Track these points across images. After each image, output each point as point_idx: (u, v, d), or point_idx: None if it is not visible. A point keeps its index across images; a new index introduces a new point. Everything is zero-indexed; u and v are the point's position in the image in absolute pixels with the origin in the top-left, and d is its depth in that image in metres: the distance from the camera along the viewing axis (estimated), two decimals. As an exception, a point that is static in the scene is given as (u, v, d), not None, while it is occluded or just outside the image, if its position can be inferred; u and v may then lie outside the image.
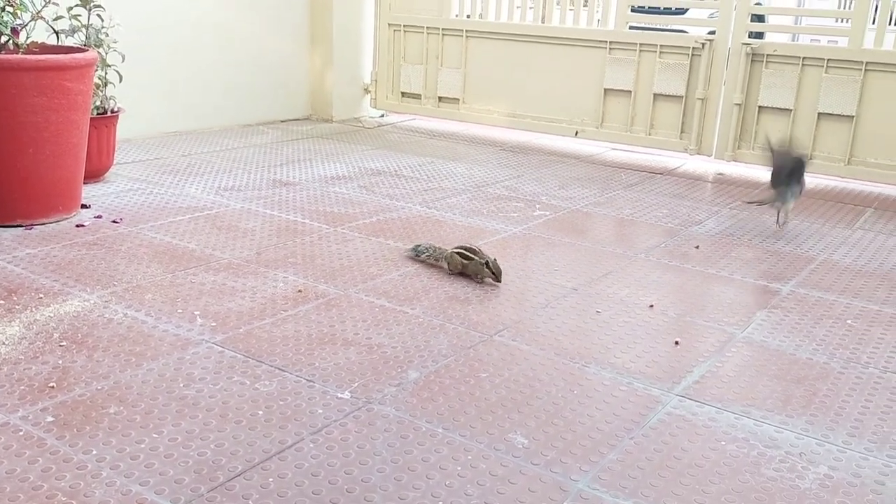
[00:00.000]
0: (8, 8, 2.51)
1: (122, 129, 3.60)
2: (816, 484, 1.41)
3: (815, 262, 2.65)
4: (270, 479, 1.34)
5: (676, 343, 1.96)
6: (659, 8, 4.71)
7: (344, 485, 1.33)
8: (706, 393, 1.71)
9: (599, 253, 2.64)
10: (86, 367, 1.69)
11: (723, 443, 1.52)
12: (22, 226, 2.60)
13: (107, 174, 3.30)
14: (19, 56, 2.51)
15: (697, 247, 2.74)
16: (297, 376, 1.70)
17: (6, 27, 2.50)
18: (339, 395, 1.63)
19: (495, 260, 2.33)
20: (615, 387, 1.72)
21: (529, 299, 2.21)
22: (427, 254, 2.48)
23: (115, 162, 3.38)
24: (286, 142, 4.23)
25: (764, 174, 3.35)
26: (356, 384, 1.68)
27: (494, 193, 3.37)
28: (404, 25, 4.89)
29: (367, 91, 5.18)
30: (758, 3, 3.86)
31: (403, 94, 5.00)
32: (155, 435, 1.45)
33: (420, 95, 4.93)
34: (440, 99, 4.87)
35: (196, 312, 2.01)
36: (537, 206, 3.20)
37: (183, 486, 1.31)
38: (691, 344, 1.96)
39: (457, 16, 4.75)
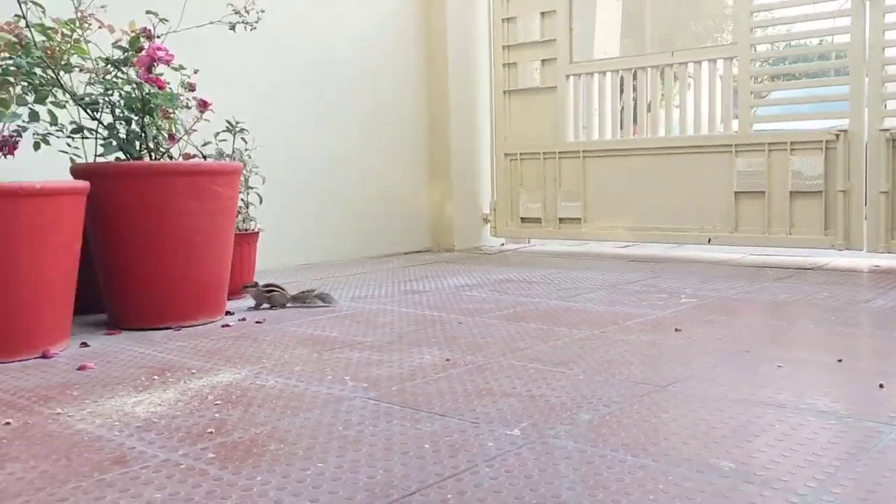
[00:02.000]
0: (163, 121, 2.70)
1: (257, 260, 3.74)
2: None
3: None
4: (449, 496, 1.19)
5: (881, 386, 1.72)
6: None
7: (532, 499, 1.17)
8: (934, 424, 1.47)
9: (763, 326, 2.44)
10: (242, 418, 1.62)
11: (974, 463, 1.28)
12: (171, 328, 2.65)
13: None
14: (174, 161, 2.67)
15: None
16: (460, 420, 1.57)
17: (162, 132, 2.69)
18: (508, 432, 1.48)
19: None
20: (821, 422, 1.50)
21: (696, 360, 2.02)
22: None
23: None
24: (412, 266, 4.28)
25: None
26: (524, 423, 1.53)
27: (633, 289, 3.23)
28: (520, 153, 5.00)
29: (486, 220, 5.25)
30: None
31: (523, 219, 5.03)
32: (320, 464, 1.34)
33: (540, 219, 4.95)
34: (561, 220, 4.86)
35: (346, 377, 1.93)
36: (682, 296, 3.03)
37: (355, 502, 1.18)
38: (898, 387, 1.72)
39: (573, 139, 4.84)
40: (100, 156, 2.76)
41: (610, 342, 2.24)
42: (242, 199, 3.36)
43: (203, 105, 2.99)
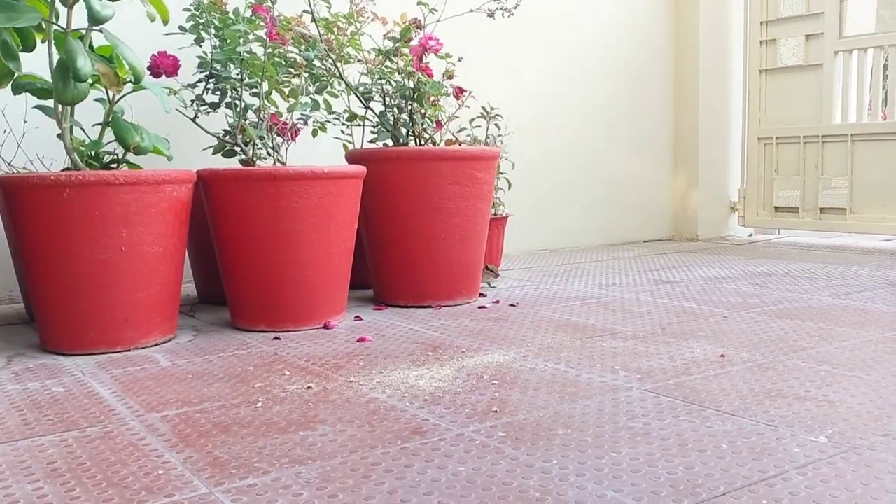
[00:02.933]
0: (430, 108, 2.81)
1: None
2: None
3: None
4: (764, 502, 1.13)
5: None
6: None
7: (863, 516, 1.08)
8: None
9: None
10: (522, 399, 1.65)
11: None
12: (431, 306, 2.77)
13: (495, 274, 3.45)
14: (440, 147, 2.78)
15: None
16: (753, 421, 1.48)
17: (432, 121, 2.80)
18: (814, 439, 1.38)
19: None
20: None
21: None
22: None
23: (501, 267, 3.54)
24: (654, 255, 4.15)
25: None
26: (830, 430, 1.41)
27: (919, 288, 2.89)
28: (776, 137, 4.66)
29: (733, 209, 4.96)
30: None
31: (777, 208, 4.69)
32: (613, 454, 1.33)
33: (797, 209, 4.58)
34: (821, 210, 4.47)
35: (616, 367, 1.90)
36: (984, 298, 2.67)
37: (661, 497, 1.15)
38: None
39: (840, 121, 4.42)
40: (371, 142, 2.94)
41: (907, 347, 2.02)
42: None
43: (459, 92, 3.08)
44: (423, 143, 2.89)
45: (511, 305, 2.77)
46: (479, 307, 2.76)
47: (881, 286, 2.96)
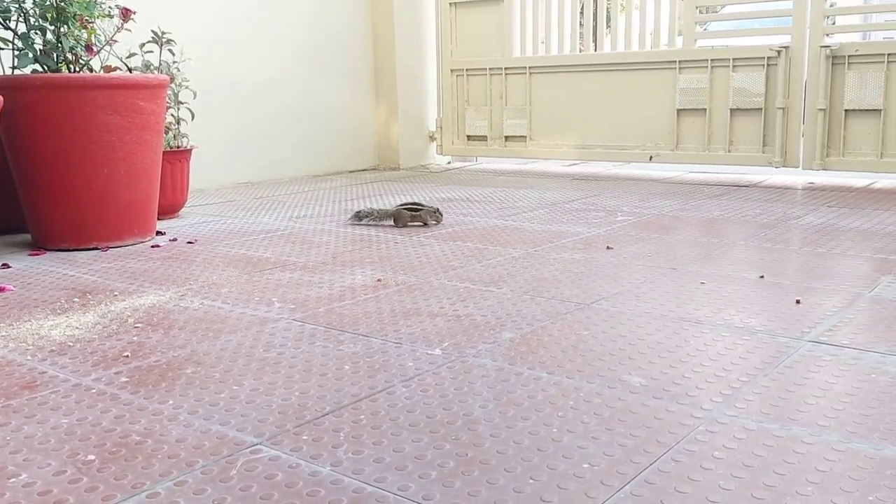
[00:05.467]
0: (81, 31, 2.55)
1: (194, 179, 3.64)
2: None
3: (936, 239, 2.42)
4: (362, 416, 1.19)
5: (798, 302, 1.77)
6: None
7: (444, 418, 1.18)
8: (842, 339, 1.51)
9: (694, 243, 2.47)
10: (161, 341, 1.60)
11: (873, 375, 1.32)
12: (98, 248, 2.58)
13: (181, 211, 3.30)
14: (94, 74, 2.55)
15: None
16: (383, 340, 1.57)
17: (80, 43, 2.55)
18: (430, 352, 1.49)
19: (438, 208, 2.87)
20: (735, 337, 1.53)
21: (625, 278, 2.04)
22: (370, 217, 2.89)
23: (188, 202, 3.39)
24: (355, 185, 4.22)
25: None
26: (447, 343, 1.54)
27: (572, 208, 3.24)
28: (467, 70, 4.90)
29: (432, 138, 5.18)
30: (832, 5, 3.72)
31: (469, 137, 4.98)
32: (235, 387, 1.33)
33: (486, 137, 4.90)
34: (507, 139, 4.82)
35: (274, 299, 1.91)
36: (619, 214, 3.05)
37: (267, 424, 1.18)
38: (814, 303, 1.76)
39: (519, 54, 4.75)
40: (14, 68, 2.62)
41: (542, 261, 2.25)
42: (172, 115, 3.24)
43: (125, 14, 2.84)
44: (77, 70, 2.63)
45: (189, 243, 2.67)
46: (153, 246, 2.62)
47: (541, 207, 3.27)
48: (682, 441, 1.09)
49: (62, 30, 2.54)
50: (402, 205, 2.91)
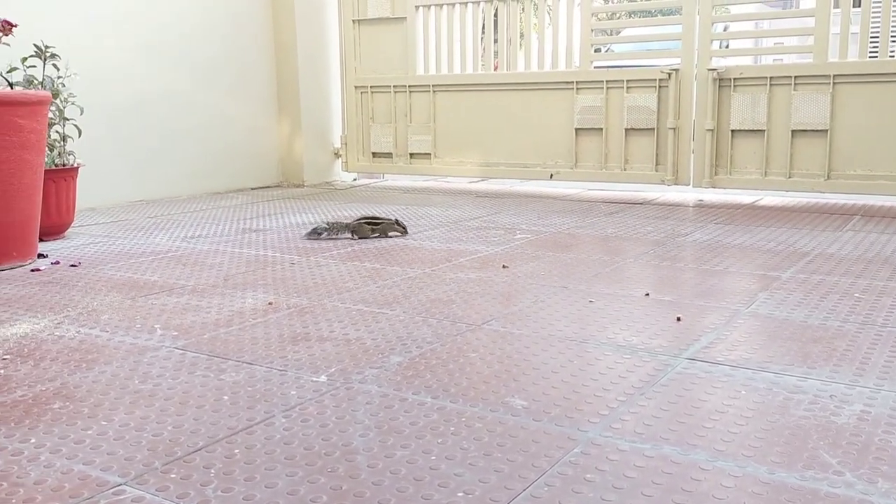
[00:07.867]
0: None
1: (85, 198, 3.50)
2: (854, 418, 1.25)
3: (812, 255, 2.55)
4: (236, 451, 1.16)
5: (678, 319, 1.82)
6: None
7: (322, 449, 1.16)
8: (717, 356, 1.57)
9: (586, 261, 2.52)
10: (30, 374, 1.51)
11: (743, 392, 1.37)
12: (-28, 273, 2.44)
13: (67, 231, 3.16)
14: (-32, 92, 2.42)
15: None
16: (268, 368, 1.53)
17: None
18: (315, 379, 1.46)
19: (398, 220, 2.96)
20: (617, 356, 1.57)
21: (517, 297, 2.07)
22: (328, 232, 2.91)
23: (76, 222, 3.25)
24: (255, 203, 4.14)
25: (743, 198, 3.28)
26: (333, 369, 1.51)
27: (472, 226, 3.26)
28: (371, 87, 4.89)
29: (337, 155, 5.14)
30: (726, 29, 3.90)
31: (374, 154, 4.96)
32: (104, 422, 1.27)
33: (391, 154, 4.89)
34: (412, 156, 4.83)
35: (156, 326, 1.84)
36: (517, 231, 3.09)
37: (134, 462, 1.13)
38: (694, 320, 1.83)
39: (423, 72, 4.77)
40: None
41: (438, 281, 2.25)
42: (58, 132, 3.10)
43: (6, 27, 2.71)
44: (-52, 85, 2.48)
45: (72, 266, 2.55)
46: (33, 270, 2.49)
47: (442, 225, 3.29)
48: (556, 465, 1.10)
49: (-70, 42, 2.39)
50: (361, 218, 3.01)
